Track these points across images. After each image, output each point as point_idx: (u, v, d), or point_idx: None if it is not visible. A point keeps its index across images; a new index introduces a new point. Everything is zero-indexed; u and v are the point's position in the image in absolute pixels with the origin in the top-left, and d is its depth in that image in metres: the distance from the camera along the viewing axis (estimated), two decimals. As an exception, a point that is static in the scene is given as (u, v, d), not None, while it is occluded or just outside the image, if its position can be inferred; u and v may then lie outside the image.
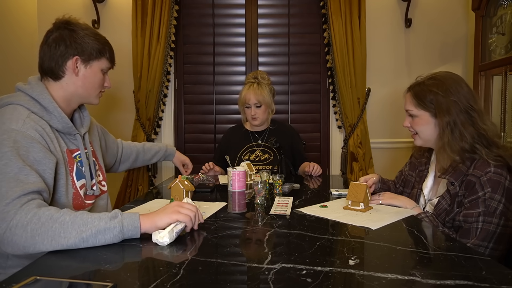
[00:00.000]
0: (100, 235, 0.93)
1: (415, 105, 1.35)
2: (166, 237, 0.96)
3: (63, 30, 1.24)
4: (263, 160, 2.15)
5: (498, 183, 1.17)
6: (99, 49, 1.27)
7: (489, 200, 1.16)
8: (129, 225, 0.97)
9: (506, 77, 2.16)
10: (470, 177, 1.22)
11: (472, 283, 0.72)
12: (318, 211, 1.30)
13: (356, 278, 0.77)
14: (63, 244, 0.91)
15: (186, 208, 1.03)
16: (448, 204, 1.27)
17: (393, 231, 1.10)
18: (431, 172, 1.45)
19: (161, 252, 0.92)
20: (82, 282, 0.75)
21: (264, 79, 2.18)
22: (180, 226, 1.01)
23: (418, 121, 1.35)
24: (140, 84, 2.70)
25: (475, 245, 1.15)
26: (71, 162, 1.24)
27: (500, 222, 1.15)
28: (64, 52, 1.22)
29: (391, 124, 2.85)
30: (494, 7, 2.33)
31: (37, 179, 1.03)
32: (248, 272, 0.81)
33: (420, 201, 1.45)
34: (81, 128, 1.35)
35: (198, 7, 2.87)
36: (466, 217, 1.19)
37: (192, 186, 1.43)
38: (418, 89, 1.35)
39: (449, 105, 1.26)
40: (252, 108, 2.14)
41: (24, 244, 0.92)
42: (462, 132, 1.24)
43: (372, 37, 2.81)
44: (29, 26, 2.70)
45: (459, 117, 1.25)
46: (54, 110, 1.20)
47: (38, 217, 0.93)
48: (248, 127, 2.30)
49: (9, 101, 1.17)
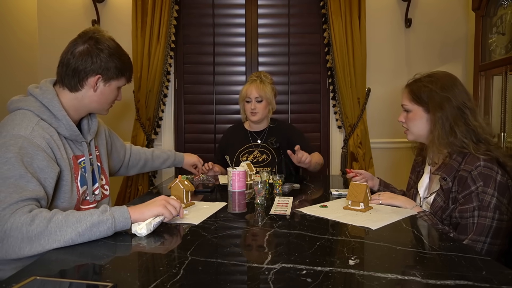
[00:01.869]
0: (94, 228, 0.97)
1: (410, 100, 1.40)
2: (144, 228, 1.03)
3: (91, 46, 1.23)
4: (261, 162, 2.14)
5: (490, 177, 1.19)
6: (121, 69, 1.29)
7: (482, 194, 1.18)
8: (120, 217, 1.02)
9: (506, 77, 2.16)
10: (462, 172, 1.24)
11: (472, 283, 0.72)
12: (318, 211, 1.30)
13: (356, 278, 0.77)
14: (60, 241, 0.93)
15: (171, 205, 1.12)
16: (443, 200, 1.29)
17: (393, 231, 1.10)
18: (426, 171, 1.47)
19: (161, 252, 0.92)
20: (82, 282, 0.75)
21: (267, 78, 2.18)
22: (159, 219, 1.09)
23: (412, 116, 1.40)
24: (140, 84, 2.70)
25: (473, 241, 1.16)
26: (76, 168, 1.25)
27: (495, 216, 1.17)
28: (88, 68, 1.22)
29: (391, 124, 2.85)
30: (494, 7, 2.33)
31: (37, 187, 1.04)
32: (248, 272, 0.81)
33: (417, 200, 1.45)
34: (87, 134, 1.35)
35: (198, 7, 2.87)
36: (461, 213, 1.21)
37: (192, 186, 1.43)
38: (414, 85, 1.40)
39: (442, 101, 1.30)
40: (252, 102, 2.12)
41: (20, 245, 0.92)
42: (453, 127, 1.28)
43: (372, 37, 2.81)
44: (29, 26, 2.70)
45: (451, 113, 1.29)
46: (63, 118, 1.21)
47: (32, 219, 0.94)
48: (247, 126, 2.28)
49: (20, 106, 1.18)
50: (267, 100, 2.14)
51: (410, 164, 1.66)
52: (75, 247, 0.95)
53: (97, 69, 1.23)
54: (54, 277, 0.77)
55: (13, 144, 1.06)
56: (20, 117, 1.14)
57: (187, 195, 1.39)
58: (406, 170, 2.83)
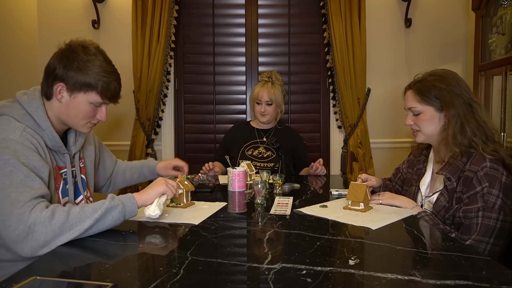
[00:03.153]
0: (108, 214, 1.02)
1: (418, 101, 1.36)
2: (157, 209, 1.11)
3: (64, 52, 1.20)
4: (266, 158, 2.18)
5: (495, 178, 1.19)
6: (89, 84, 1.19)
7: (487, 195, 1.18)
8: (128, 202, 1.07)
9: (506, 77, 2.16)
10: (467, 173, 1.24)
11: (472, 283, 0.72)
12: (318, 211, 1.30)
13: (356, 278, 0.77)
14: (81, 230, 0.98)
15: (170, 184, 1.20)
16: (446, 200, 1.28)
17: (393, 231, 1.10)
18: (428, 169, 1.47)
19: (161, 252, 0.92)
20: (82, 282, 0.75)
21: (278, 80, 2.24)
22: (164, 198, 1.16)
23: (423, 117, 1.36)
24: (140, 84, 2.70)
25: (476, 241, 1.16)
26: (58, 179, 1.24)
27: (499, 217, 1.16)
28: (55, 74, 1.18)
29: (391, 124, 2.85)
30: (494, 7, 2.33)
31: (41, 185, 1.06)
32: (248, 272, 0.81)
33: (418, 198, 1.45)
34: (73, 147, 1.33)
35: (198, 7, 2.87)
36: (465, 213, 1.20)
37: (192, 186, 1.43)
38: (420, 85, 1.37)
39: (453, 98, 1.29)
40: (262, 105, 2.19)
41: (45, 239, 0.95)
42: (463, 124, 1.27)
43: (372, 37, 2.81)
44: (29, 26, 2.70)
45: (462, 109, 1.28)
46: (47, 129, 1.19)
47: (52, 213, 0.98)
48: (255, 124, 2.33)
49: (4, 112, 1.17)
50: (277, 103, 2.22)
51: (410, 164, 1.65)
52: (75, 247, 0.95)
53: (60, 76, 1.18)
54: (54, 277, 0.77)
55: (6, 147, 1.06)
56: (5, 122, 1.14)
57: (187, 195, 1.39)
58: (406, 170, 2.84)
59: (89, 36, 2.78)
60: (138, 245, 0.97)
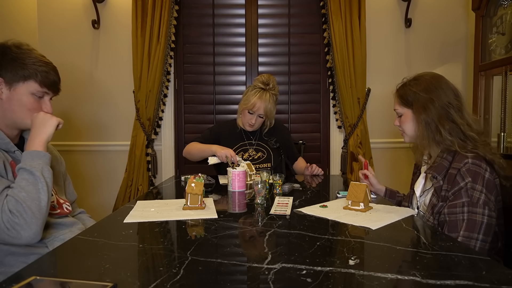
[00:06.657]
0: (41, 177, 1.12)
1: (399, 104, 1.45)
2: None
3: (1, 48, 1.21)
4: (257, 159, 2.13)
5: (478, 174, 1.20)
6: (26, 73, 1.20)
7: (471, 190, 1.19)
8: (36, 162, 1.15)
9: (506, 77, 2.17)
10: (451, 170, 1.26)
11: (472, 283, 0.72)
12: (318, 211, 1.30)
13: (356, 278, 0.77)
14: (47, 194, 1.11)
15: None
16: (437, 199, 1.29)
17: (393, 231, 1.10)
18: (422, 171, 1.49)
19: (161, 252, 0.92)
20: (82, 282, 0.75)
21: (274, 89, 2.10)
22: None
23: (404, 119, 1.45)
24: (140, 84, 2.70)
25: (464, 237, 1.16)
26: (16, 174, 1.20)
27: (485, 212, 1.17)
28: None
29: (391, 124, 2.82)
30: (494, 7, 2.33)
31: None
32: (248, 272, 0.81)
33: (414, 201, 1.46)
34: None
35: (198, 7, 2.87)
36: (451, 208, 1.21)
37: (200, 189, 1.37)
38: (402, 89, 1.45)
39: (426, 102, 1.34)
40: (254, 117, 2.07)
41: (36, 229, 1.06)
42: (438, 127, 1.31)
43: (372, 37, 2.81)
44: (29, 26, 2.71)
45: (436, 113, 1.32)
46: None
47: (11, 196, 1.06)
48: (241, 124, 2.19)
49: None
50: (269, 117, 2.12)
51: (410, 164, 1.67)
52: (75, 247, 0.95)
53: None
54: (54, 277, 0.77)
55: None
56: None
57: (201, 198, 1.33)
58: (406, 170, 2.84)
59: (89, 36, 2.78)
60: (138, 245, 0.97)
